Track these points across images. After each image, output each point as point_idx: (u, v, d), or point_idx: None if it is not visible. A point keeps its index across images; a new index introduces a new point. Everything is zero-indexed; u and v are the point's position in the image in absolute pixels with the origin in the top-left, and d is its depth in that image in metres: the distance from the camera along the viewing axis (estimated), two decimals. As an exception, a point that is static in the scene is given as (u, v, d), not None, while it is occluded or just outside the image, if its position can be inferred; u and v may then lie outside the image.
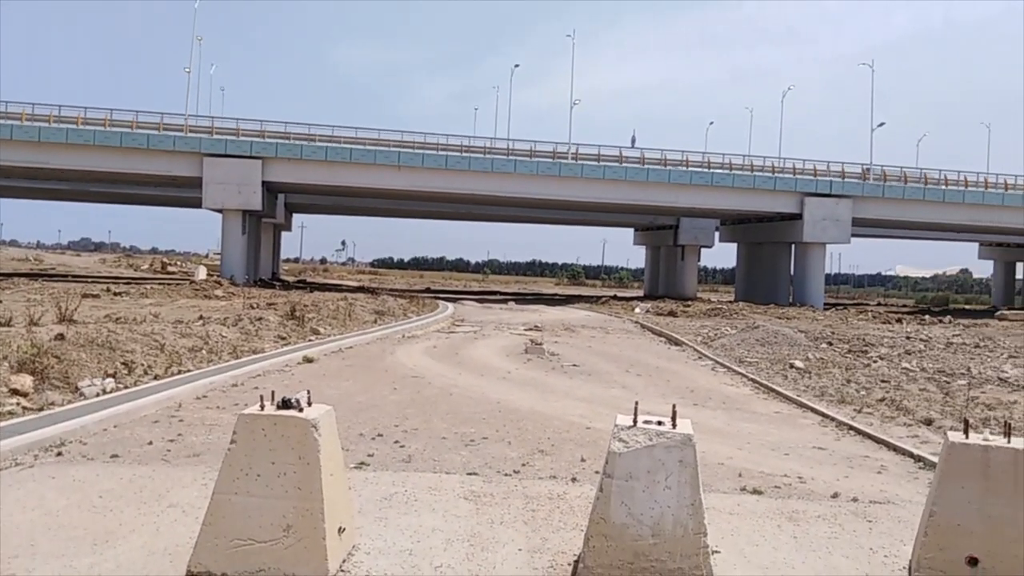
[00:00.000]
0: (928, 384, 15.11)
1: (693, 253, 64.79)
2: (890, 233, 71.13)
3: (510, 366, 15.94)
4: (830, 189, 50.40)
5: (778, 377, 15.60)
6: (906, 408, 12.03)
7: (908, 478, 7.88)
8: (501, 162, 48.06)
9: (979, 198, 52.13)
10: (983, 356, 21.23)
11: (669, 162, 50.56)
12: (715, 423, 10.67)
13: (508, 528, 5.63)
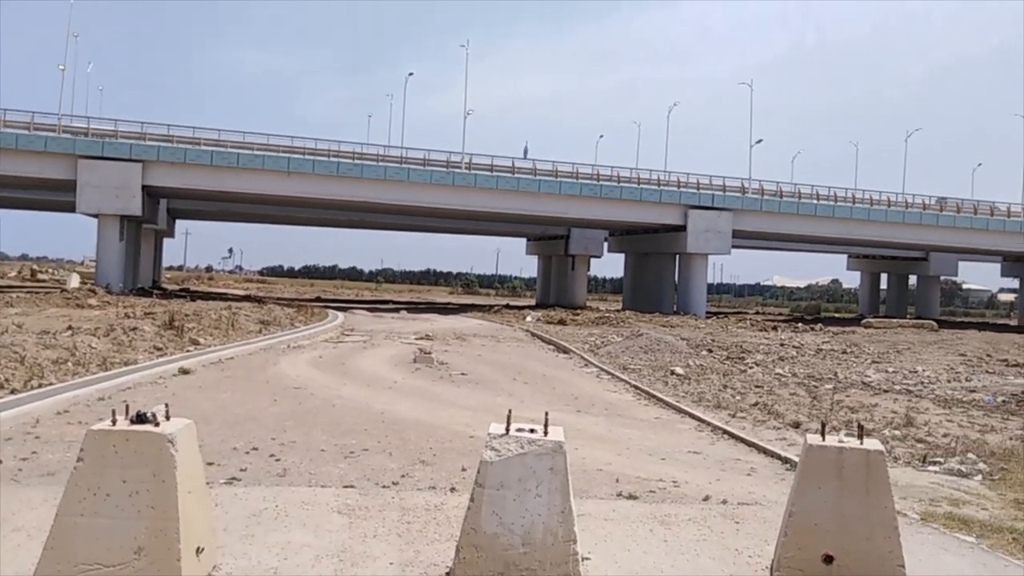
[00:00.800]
0: (798, 389, 15.85)
1: (583, 263, 66.00)
2: (768, 245, 74.49)
3: (398, 376, 15.75)
4: (712, 202, 52.35)
5: (659, 383, 16.02)
6: (777, 412, 12.58)
7: (775, 479, 8.21)
8: (394, 170, 47.63)
9: (847, 213, 55.27)
10: (849, 362, 22.48)
11: (560, 174, 51.37)
12: (597, 429, 10.84)
13: (381, 542, 5.52)
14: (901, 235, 57.49)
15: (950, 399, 15.45)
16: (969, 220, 57.37)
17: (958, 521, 6.84)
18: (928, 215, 56.93)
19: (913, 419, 12.41)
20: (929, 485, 8.27)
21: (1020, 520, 7.01)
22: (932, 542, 6.24)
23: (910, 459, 9.62)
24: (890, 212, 56.31)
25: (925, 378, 19.03)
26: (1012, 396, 16.13)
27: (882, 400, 14.80)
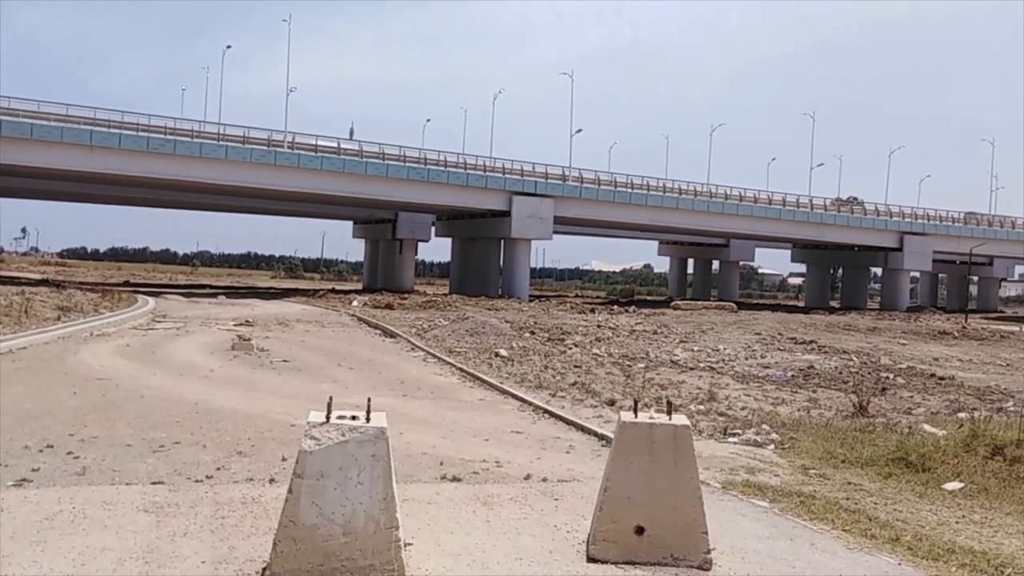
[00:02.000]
0: (614, 368, 16.63)
1: (411, 247, 65.71)
2: (587, 231, 77.49)
3: (214, 364, 14.99)
4: (535, 189, 53.66)
5: (484, 366, 16.26)
6: (594, 391, 13.13)
7: (592, 456, 8.57)
8: (211, 147, 45.08)
9: (659, 201, 58.50)
10: (660, 341, 23.84)
11: (387, 156, 50.74)
12: (422, 413, 10.85)
13: (192, 540, 5.23)
14: (706, 223, 61.61)
15: (747, 375, 16.76)
16: (764, 210, 62.35)
17: (754, 488, 7.43)
18: (729, 204, 61.27)
19: (715, 394, 13.37)
20: (729, 455, 8.93)
21: (806, 484, 7.73)
22: (731, 508, 6.74)
23: (713, 432, 10.35)
24: (696, 201, 60.13)
25: (726, 356, 20.52)
26: (799, 371, 17.75)
27: (689, 377, 15.82)
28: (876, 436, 9.89)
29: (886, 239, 66.11)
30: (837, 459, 8.80)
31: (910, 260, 66.81)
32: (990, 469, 8.13)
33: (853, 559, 5.57)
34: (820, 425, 10.89)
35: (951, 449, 8.66)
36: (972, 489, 7.70)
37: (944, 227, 67.77)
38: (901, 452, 8.64)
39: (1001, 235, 69.55)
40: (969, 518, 6.85)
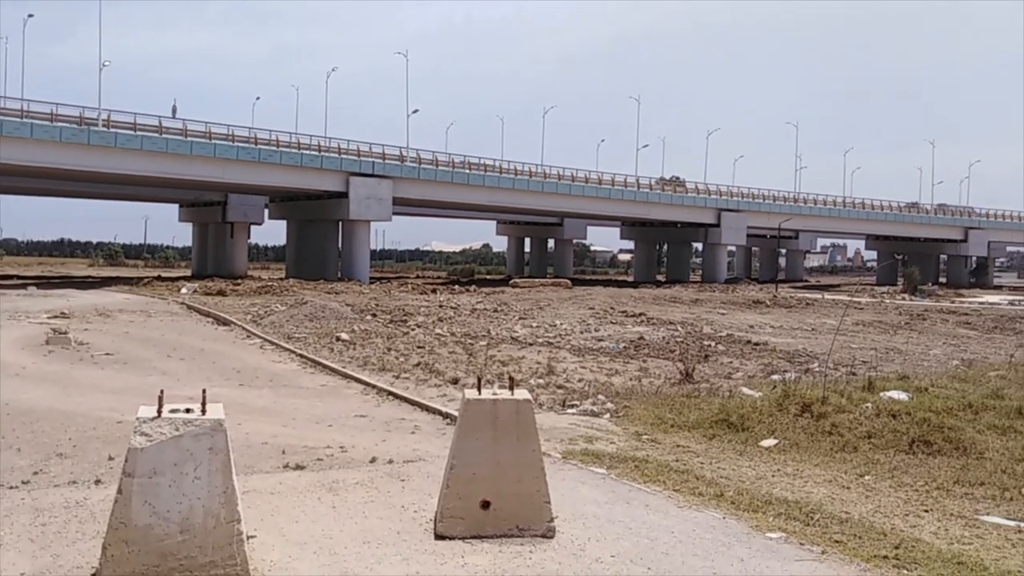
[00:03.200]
0: (456, 347, 16.78)
1: (243, 230, 62.94)
2: (427, 211, 77.36)
3: (26, 361, 13.80)
4: (373, 170, 52.82)
5: (325, 351, 15.95)
6: (438, 370, 13.22)
7: (438, 435, 8.65)
8: (13, 125, 40.94)
9: (496, 182, 59.23)
10: (500, 319, 24.28)
11: (215, 136, 48.19)
12: (261, 402, 10.52)
13: (9, 550, 4.84)
14: (541, 203, 63.09)
15: (583, 348, 17.41)
16: (595, 190, 64.60)
17: (592, 456, 7.78)
18: (562, 185, 62.99)
19: (554, 368, 13.82)
20: (568, 426, 9.28)
21: (639, 450, 8.17)
22: (572, 477, 7.03)
23: (552, 404, 10.71)
24: (531, 182, 61.36)
25: (563, 330, 21.21)
26: (631, 343, 18.64)
27: (528, 353, 16.24)
28: (701, 400, 10.60)
29: (706, 216, 70.26)
30: (667, 424, 9.36)
31: (727, 235, 71.36)
32: (800, 425, 8.93)
33: (683, 516, 5.97)
34: (651, 393, 11.51)
35: (766, 409, 9.42)
36: (785, 444, 8.43)
37: (756, 204, 72.84)
38: (723, 414, 9.31)
39: (805, 211, 75.60)
40: (783, 471, 7.51)
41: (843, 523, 5.87)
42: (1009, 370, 14.09)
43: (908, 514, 6.26)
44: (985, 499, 6.72)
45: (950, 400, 10.13)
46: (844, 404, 9.48)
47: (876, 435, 8.53)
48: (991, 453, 8.09)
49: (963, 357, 17.72)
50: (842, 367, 14.98)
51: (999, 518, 6.19)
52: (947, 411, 9.34)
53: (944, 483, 7.09)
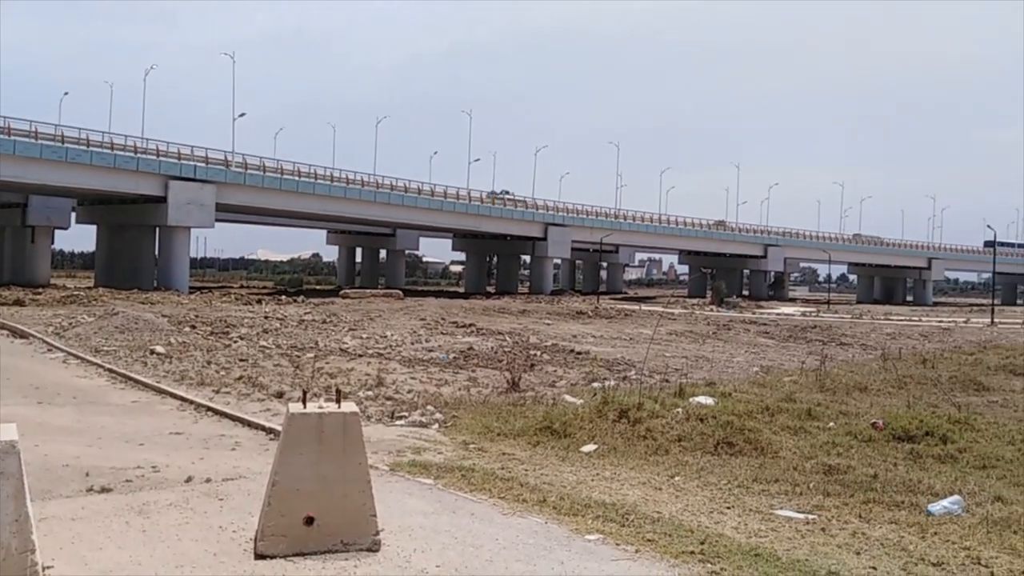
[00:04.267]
0: (282, 359, 16.28)
1: (46, 235, 57.91)
2: (253, 219, 74.49)
3: None
4: (195, 174, 50.26)
5: (138, 364, 14.98)
6: (261, 384, 12.77)
7: (260, 451, 8.35)
8: None
9: (327, 190, 58.07)
10: (329, 330, 23.79)
11: (15, 132, 44.07)
12: (63, 420, 9.74)
13: None
14: (373, 213, 62.55)
15: (413, 359, 17.40)
16: (428, 201, 64.87)
17: (420, 467, 7.80)
18: (395, 195, 62.79)
19: (383, 379, 13.72)
20: (397, 438, 9.25)
21: (466, 459, 8.28)
22: (399, 489, 7.01)
23: (381, 416, 10.64)
24: (363, 191, 60.71)
25: (393, 342, 21.10)
26: (460, 353, 18.85)
27: (358, 364, 16.02)
28: (526, 409, 10.89)
29: (533, 230, 72.28)
30: (494, 432, 9.55)
31: (553, 249, 73.79)
32: (617, 431, 9.38)
33: (507, 523, 6.11)
34: (479, 402, 11.70)
35: (587, 416, 9.83)
36: (604, 449, 8.83)
37: (580, 219, 75.83)
38: (547, 422, 9.62)
39: (625, 227, 79.56)
40: (602, 475, 7.86)
41: (655, 522, 6.23)
42: (801, 375, 15.48)
43: (713, 511, 6.74)
44: (779, 495, 7.34)
45: (750, 404, 11.01)
46: (658, 409, 10.06)
47: (686, 438, 9.12)
48: (785, 452, 8.85)
49: (762, 364, 19.28)
50: (657, 374, 15.89)
51: (791, 511, 6.79)
52: (747, 414, 10.13)
53: (744, 481, 7.68)
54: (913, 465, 8.44)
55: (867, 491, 7.36)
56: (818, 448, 9.00)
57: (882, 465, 8.31)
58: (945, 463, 8.57)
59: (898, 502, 7.06)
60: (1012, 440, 9.64)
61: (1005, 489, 7.60)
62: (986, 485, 7.70)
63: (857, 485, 7.53)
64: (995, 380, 16.50)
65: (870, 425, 9.83)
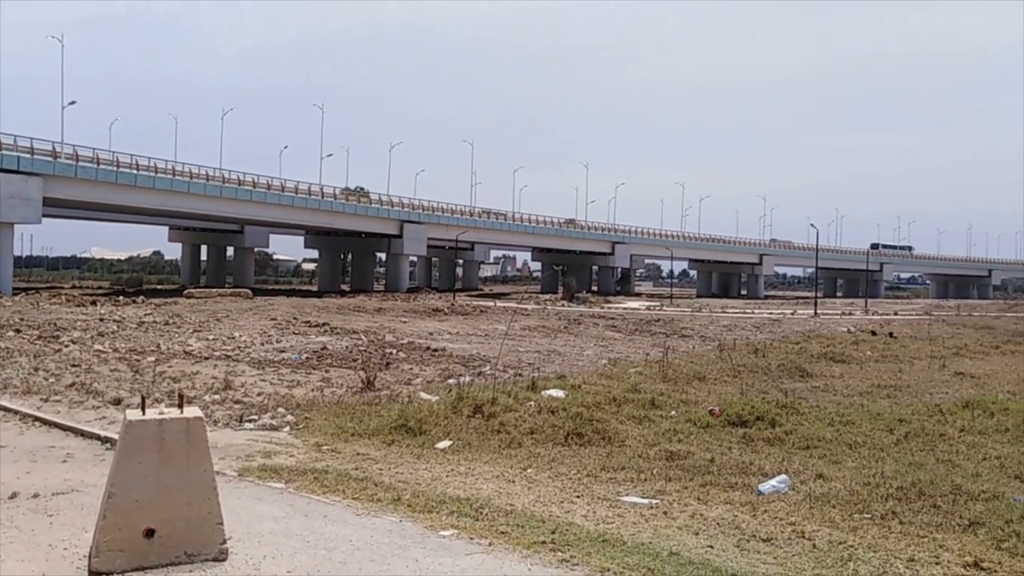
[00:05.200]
0: (120, 364, 15.35)
1: None
2: (86, 215, 69.59)
3: None
4: (18, 165, 46.24)
5: (-49, 374, 13.68)
6: (96, 391, 11.99)
7: (95, 462, 7.87)
8: None
9: (168, 184, 54.98)
10: (172, 332, 22.63)
11: None
12: None
13: None
14: (219, 208, 59.82)
15: (264, 360, 16.87)
16: (278, 197, 62.79)
17: (270, 471, 7.60)
18: (243, 190, 60.37)
19: (231, 382, 13.23)
20: (246, 442, 8.96)
21: (319, 461, 8.15)
22: (248, 494, 6.81)
23: (229, 420, 10.26)
24: (209, 186, 57.97)
25: (242, 343, 20.36)
26: (314, 353, 18.45)
27: (203, 367, 15.35)
28: (381, 407, 10.83)
29: (389, 227, 71.53)
30: (348, 433, 9.43)
31: (409, 246, 73.31)
32: (472, 426, 9.51)
33: (361, 524, 6.07)
34: (333, 403, 11.51)
35: (442, 412, 9.90)
36: (459, 445, 8.93)
37: (436, 216, 75.78)
38: (402, 420, 9.61)
39: (480, 224, 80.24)
40: (456, 470, 7.95)
41: (508, 515, 6.38)
42: (645, 367, 16.23)
43: (563, 501, 6.98)
44: (625, 482, 7.69)
45: (598, 396, 11.45)
46: (511, 404, 10.27)
47: (538, 430, 9.37)
48: (631, 441, 9.28)
49: (610, 357, 20.04)
50: (511, 369, 16.20)
51: (636, 497, 7.13)
52: (596, 405, 10.54)
53: (593, 470, 7.99)
54: (746, 448, 9.07)
55: (705, 474, 7.84)
56: (661, 436, 9.49)
57: (718, 449, 8.87)
58: (774, 445, 9.26)
59: (732, 483, 7.57)
60: (831, 422, 10.52)
61: (825, 467, 8.29)
62: (809, 464, 8.38)
63: (696, 469, 8.01)
64: (817, 367, 17.96)
65: (708, 412, 10.46)
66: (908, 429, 10.09)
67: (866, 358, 20.65)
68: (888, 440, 9.63)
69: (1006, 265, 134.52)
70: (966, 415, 11.06)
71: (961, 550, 5.77)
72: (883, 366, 19.03)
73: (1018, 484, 7.78)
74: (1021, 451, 9.24)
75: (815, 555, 5.68)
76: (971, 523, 6.40)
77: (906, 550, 5.78)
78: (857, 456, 8.83)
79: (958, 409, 11.51)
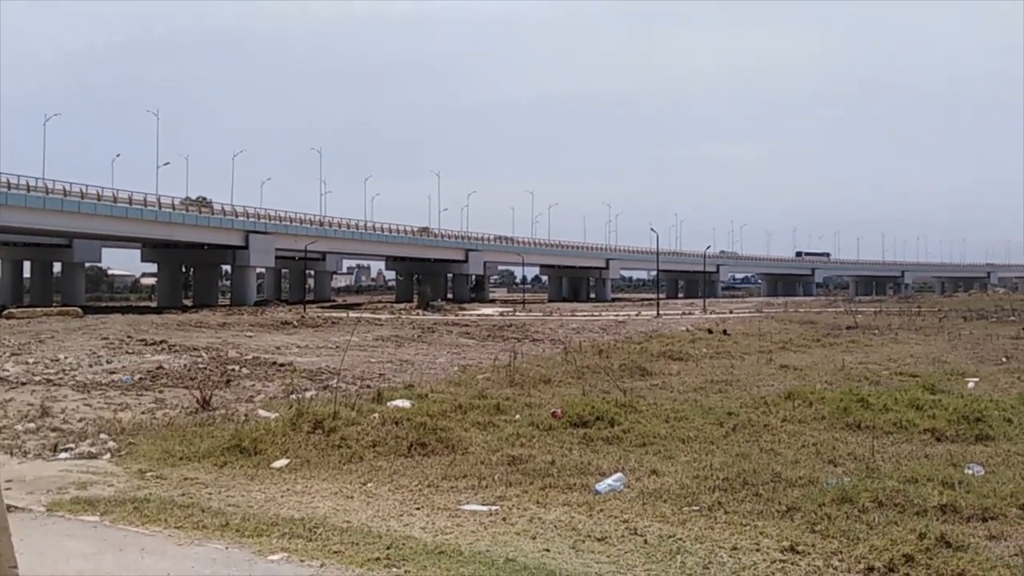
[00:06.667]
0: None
1: None
2: None
3: None
4: None
5: None
6: None
7: None
8: None
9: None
10: (-17, 358, 20.65)
11: None
12: None
13: None
14: (43, 221, 55.49)
15: (90, 383, 15.70)
16: (110, 208, 58.98)
17: (84, 504, 7.02)
18: (69, 202, 56.31)
19: (50, 408, 12.21)
20: (59, 473, 8.26)
21: (141, 489, 7.62)
22: (57, 531, 6.26)
23: (42, 450, 9.44)
24: (30, 197, 53.71)
25: (67, 365, 18.88)
26: (148, 373, 17.35)
27: (19, 393, 14.11)
28: (215, 428, 10.30)
29: (233, 238, 68.72)
30: (176, 457, 8.89)
31: (256, 257, 70.71)
32: (312, 442, 9.20)
33: (183, 554, 5.71)
34: (163, 425, 10.85)
35: (280, 429, 9.52)
36: (297, 463, 8.61)
37: (284, 226, 73.56)
38: (236, 440, 9.16)
39: (331, 234, 78.64)
40: (293, 490, 7.65)
41: (343, 532, 6.18)
42: (493, 372, 16.34)
43: (403, 514, 6.85)
44: (467, 490, 7.65)
45: (445, 404, 11.39)
46: (354, 416, 10.03)
47: (381, 443, 9.19)
48: (474, 447, 9.26)
49: (462, 364, 20.06)
50: (360, 381, 15.88)
51: (477, 505, 7.10)
52: (441, 414, 10.47)
53: (434, 480, 7.91)
54: (586, 448, 9.26)
55: (545, 477, 7.93)
56: (504, 441, 9.53)
57: (559, 451, 9.01)
58: (612, 444, 9.50)
59: (571, 485, 7.69)
60: (667, 418, 10.93)
61: (659, 463, 8.58)
62: (644, 461, 8.65)
63: (536, 473, 8.09)
64: (656, 365, 18.71)
65: (550, 415, 10.62)
66: (736, 421, 10.63)
67: (702, 355, 21.74)
68: (718, 433, 10.11)
69: (827, 264, 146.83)
70: (788, 406, 11.79)
71: (779, 535, 6.09)
72: (717, 362, 20.09)
73: (832, 468, 8.34)
74: (835, 437, 9.95)
75: (646, 550, 5.85)
76: (789, 509, 6.78)
77: (730, 539, 6.05)
78: (689, 450, 9.20)
79: (781, 400, 12.26)
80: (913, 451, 9.21)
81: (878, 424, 10.36)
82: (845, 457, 8.82)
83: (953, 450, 9.16)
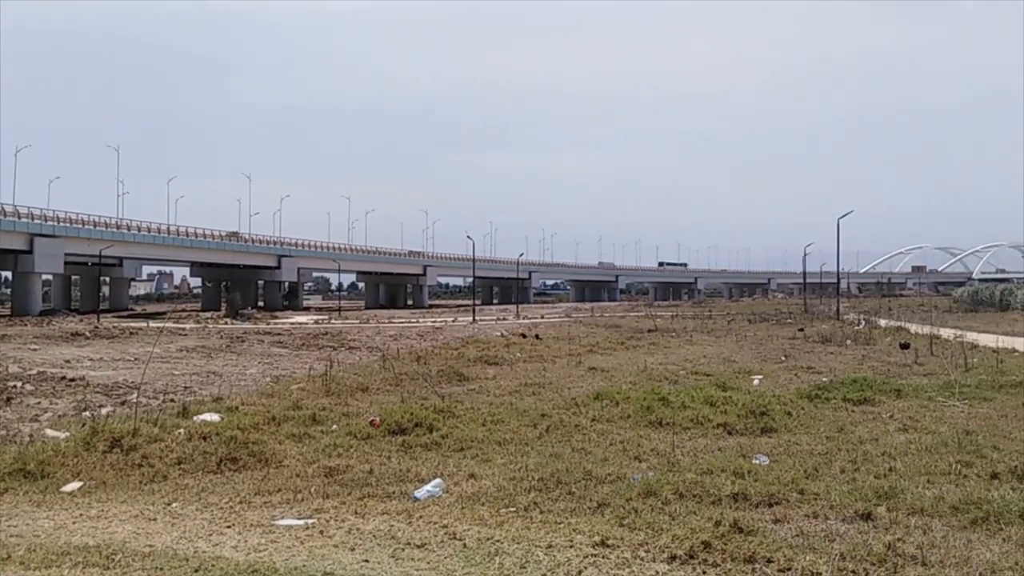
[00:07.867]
0: None
1: None
2: None
3: None
4: None
5: None
6: None
7: None
8: None
9: None
10: None
11: None
12: None
13: None
14: None
15: None
16: None
17: None
18: None
19: None
20: None
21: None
22: None
23: None
24: None
25: None
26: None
27: None
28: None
29: (14, 241, 62.33)
30: (-58, 488, 7.94)
31: (41, 263, 64.52)
32: (108, 462, 8.54)
33: (-44, 593, 5.13)
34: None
35: (71, 450, 8.76)
36: (91, 486, 7.96)
37: (75, 229, 67.67)
38: (19, 463, 8.33)
39: (129, 238, 73.17)
40: (86, 515, 7.06)
41: (145, 557, 5.79)
42: (308, 382, 15.90)
43: (212, 533, 6.51)
44: (282, 504, 7.40)
45: (257, 416, 10.95)
46: (157, 433, 9.42)
47: (187, 460, 8.69)
48: (289, 460, 8.98)
49: (275, 374, 19.35)
50: (163, 395, 14.92)
51: (292, 519, 6.89)
52: (253, 427, 10.06)
53: (246, 496, 7.58)
54: (404, 456, 9.24)
55: (364, 487, 7.84)
56: (320, 452, 9.32)
57: (377, 460, 8.93)
58: (431, 450, 9.55)
59: (391, 493, 7.65)
60: (484, 422, 11.14)
61: (477, 466, 8.73)
62: (462, 465, 8.77)
63: (355, 483, 7.97)
64: (473, 370, 19.00)
65: (368, 423, 10.50)
66: (550, 423, 11.02)
67: (516, 359, 22.32)
68: (533, 434, 10.43)
69: (629, 271, 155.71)
70: (597, 406, 12.38)
71: (591, 531, 6.37)
72: (530, 366, 20.71)
73: (637, 464, 8.85)
74: (640, 434, 10.55)
75: (465, 554, 5.93)
76: (599, 505, 7.12)
77: (545, 537, 6.26)
78: (505, 452, 9.43)
79: (590, 401, 12.85)
80: (708, 444, 9.97)
81: (677, 421, 11.11)
82: (649, 453, 9.38)
83: (743, 442, 10.00)
